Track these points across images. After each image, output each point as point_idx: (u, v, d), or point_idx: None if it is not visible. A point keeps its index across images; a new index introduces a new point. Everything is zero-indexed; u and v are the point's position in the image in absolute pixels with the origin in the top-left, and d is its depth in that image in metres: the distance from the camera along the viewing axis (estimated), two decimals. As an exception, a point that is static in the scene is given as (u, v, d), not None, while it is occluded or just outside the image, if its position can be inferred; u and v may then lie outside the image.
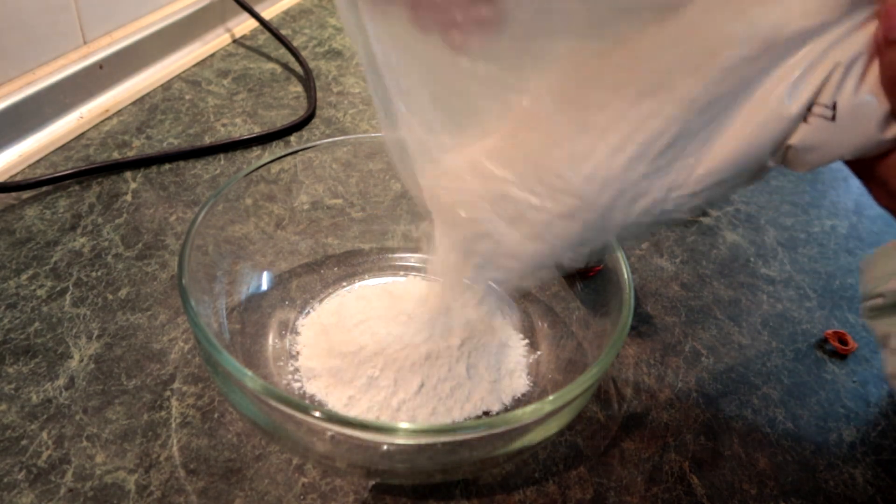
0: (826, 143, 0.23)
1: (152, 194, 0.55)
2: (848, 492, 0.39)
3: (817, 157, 0.24)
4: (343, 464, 0.34)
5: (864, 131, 0.23)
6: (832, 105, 0.23)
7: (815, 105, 0.23)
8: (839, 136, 0.23)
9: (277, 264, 0.46)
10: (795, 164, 0.25)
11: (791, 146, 0.24)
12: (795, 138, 0.24)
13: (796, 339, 0.48)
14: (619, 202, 0.26)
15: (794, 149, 0.24)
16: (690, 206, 0.26)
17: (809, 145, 0.24)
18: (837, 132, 0.23)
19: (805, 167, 0.25)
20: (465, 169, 0.29)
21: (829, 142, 0.23)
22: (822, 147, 0.24)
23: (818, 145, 0.24)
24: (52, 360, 0.41)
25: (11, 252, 0.48)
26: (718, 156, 0.25)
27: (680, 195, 0.26)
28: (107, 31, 0.66)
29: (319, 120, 0.67)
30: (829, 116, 0.23)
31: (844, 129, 0.23)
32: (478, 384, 0.38)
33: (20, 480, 0.35)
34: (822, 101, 0.23)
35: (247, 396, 0.33)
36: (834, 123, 0.23)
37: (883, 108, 0.23)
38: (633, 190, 0.26)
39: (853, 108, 0.23)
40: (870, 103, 0.23)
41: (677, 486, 0.38)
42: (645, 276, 0.52)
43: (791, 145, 0.24)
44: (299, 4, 0.90)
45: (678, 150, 0.25)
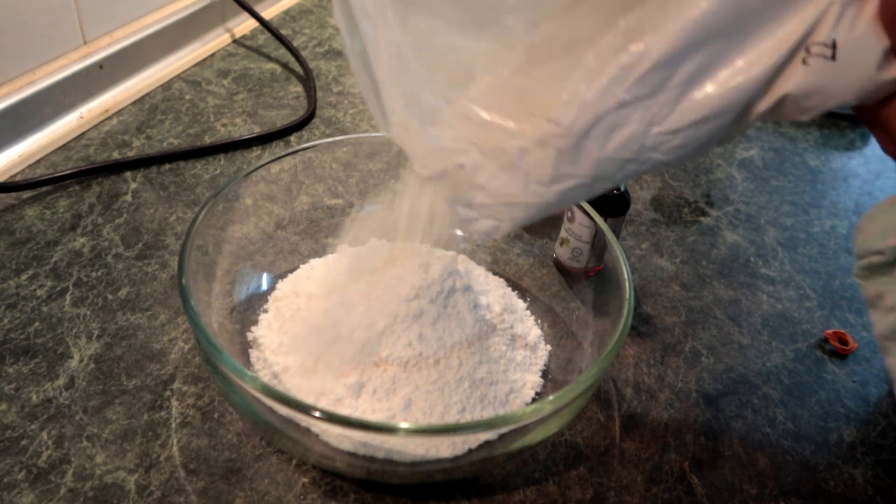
0: (827, 85, 0.23)
1: (152, 194, 0.55)
2: (848, 492, 0.39)
3: (818, 102, 0.23)
4: (343, 464, 0.34)
5: (865, 71, 0.22)
6: (832, 43, 0.22)
7: (813, 45, 0.22)
8: (840, 77, 0.23)
9: (277, 264, 0.46)
10: (794, 113, 0.24)
11: (788, 95, 0.23)
12: (793, 83, 0.23)
13: (796, 339, 0.48)
14: (595, 130, 0.25)
15: (792, 97, 0.23)
16: (670, 146, 0.25)
17: (810, 89, 0.23)
18: (838, 73, 0.23)
19: (805, 115, 0.24)
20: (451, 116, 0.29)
21: (829, 84, 0.23)
22: (822, 90, 0.23)
23: (818, 88, 0.23)
24: (52, 360, 0.41)
25: (11, 252, 0.48)
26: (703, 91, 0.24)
27: (660, 131, 0.25)
28: (107, 31, 0.66)
29: (319, 120, 0.67)
30: (829, 55, 0.22)
31: (845, 69, 0.22)
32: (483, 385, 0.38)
33: (20, 480, 0.35)
34: (819, 39, 0.22)
35: (247, 396, 0.33)
36: (834, 63, 0.22)
37: (882, 45, 0.22)
38: (611, 118, 0.25)
39: (854, 45, 0.22)
40: (870, 40, 0.22)
41: (677, 486, 0.38)
42: (645, 276, 0.52)
43: (788, 94, 0.23)
44: (299, 4, 0.90)
45: (660, 79, 0.24)
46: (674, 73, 0.24)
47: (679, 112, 0.25)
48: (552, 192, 0.28)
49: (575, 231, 0.45)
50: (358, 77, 0.30)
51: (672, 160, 0.26)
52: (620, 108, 0.25)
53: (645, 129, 0.25)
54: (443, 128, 0.29)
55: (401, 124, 0.29)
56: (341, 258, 0.45)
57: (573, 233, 0.45)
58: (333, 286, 0.40)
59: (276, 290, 0.44)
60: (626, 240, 0.56)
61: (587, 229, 0.44)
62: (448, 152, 0.29)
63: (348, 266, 0.41)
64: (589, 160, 0.26)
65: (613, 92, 0.25)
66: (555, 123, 0.26)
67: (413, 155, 0.31)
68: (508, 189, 0.29)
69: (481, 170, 0.29)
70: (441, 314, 0.37)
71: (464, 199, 0.30)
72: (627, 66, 0.24)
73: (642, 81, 0.24)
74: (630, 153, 0.26)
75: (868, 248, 0.25)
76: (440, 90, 0.28)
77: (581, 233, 0.44)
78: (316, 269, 0.45)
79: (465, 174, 0.29)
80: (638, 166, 0.26)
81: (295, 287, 0.43)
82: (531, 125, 0.27)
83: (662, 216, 0.59)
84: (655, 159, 0.26)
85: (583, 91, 0.25)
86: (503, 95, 0.28)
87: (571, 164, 0.27)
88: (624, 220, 0.47)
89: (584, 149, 0.26)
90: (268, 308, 0.43)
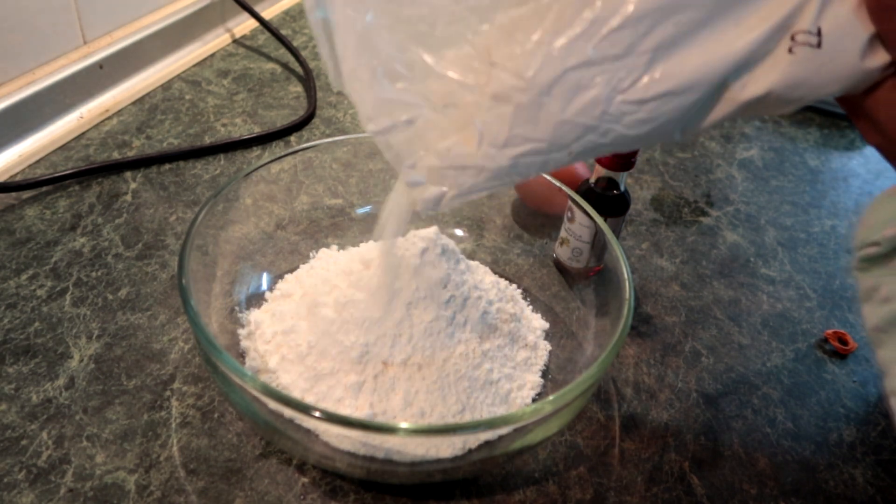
0: (813, 74, 0.23)
1: (152, 194, 0.55)
2: (848, 492, 0.39)
3: (804, 93, 0.23)
4: (343, 464, 0.34)
5: (851, 58, 0.22)
6: (817, 31, 0.22)
7: (799, 33, 0.22)
8: (826, 65, 0.22)
9: (277, 264, 0.46)
10: (779, 105, 0.24)
11: (775, 84, 0.23)
12: (779, 72, 0.23)
13: (796, 339, 0.48)
14: (557, 87, 0.24)
15: (779, 87, 0.23)
16: (633, 119, 0.24)
17: (796, 80, 0.23)
18: (824, 61, 0.22)
19: (790, 106, 0.24)
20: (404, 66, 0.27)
21: (816, 73, 0.23)
22: (809, 80, 0.23)
23: (804, 79, 0.23)
24: (52, 360, 0.41)
25: (11, 252, 0.48)
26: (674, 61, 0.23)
27: (624, 99, 0.24)
28: (107, 31, 0.66)
29: (319, 120, 0.67)
30: (815, 43, 0.22)
31: (831, 57, 0.22)
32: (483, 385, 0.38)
33: (20, 480, 0.35)
34: (804, 27, 0.22)
35: (247, 396, 0.33)
36: (820, 51, 0.22)
37: (867, 32, 0.22)
38: (575, 76, 0.24)
39: (839, 32, 0.22)
40: (855, 27, 0.22)
41: (677, 486, 0.38)
42: (645, 276, 0.52)
43: (775, 83, 0.23)
44: (299, 4, 0.90)
45: (631, 40, 0.23)
46: (645, 36, 0.23)
47: (646, 81, 0.24)
48: (505, 155, 0.26)
49: (575, 231, 0.45)
50: (311, 16, 0.27)
51: (634, 136, 0.25)
52: (586, 65, 0.24)
53: (609, 95, 0.24)
54: (394, 79, 0.27)
55: (352, 72, 0.27)
56: (340, 257, 0.45)
57: (573, 233, 0.45)
58: (332, 286, 0.40)
59: (275, 290, 0.44)
60: (626, 240, 0.56)
61: (587, 229, 0.44)
62: (398, 106, 0.27)
63: (347, 265, 0.41)
64: (548, 122, 0.25)
65: (580, 47, 0.23)
66: (516, 75, 0.24)
67: (361, 107, 0.28)
68: (459, 149, 0.27)
69: (432, 127, 0.27)
70: (441, 313, 0.37)
71: (410, 159, 0.28)
72: (597, 20, 0.23)
73: (611, 39, 0.23)
74: (592, 118, 0.25)
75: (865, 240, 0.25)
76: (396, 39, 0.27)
77: (581, 233, 0.44)
78: (315, 268, 0.45)
79: (414, 131, 0.27)
80: (598, 138, 0.25)
81: (294, 287, 0.43)
82: (490, 78, 0.25)
83: (662, 216, 0.59)
84: (617, 132, 0.25)
85: (548, 42, 0.24)
86: (462, 46, 0.26)
87: (529, 125, 0.25)
88: (624, 220, 0.47)
89: (544, 107, 0.25)
90: (267, 308, 0.43)
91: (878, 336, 0.25)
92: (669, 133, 0.25)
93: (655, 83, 0.24)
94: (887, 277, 0.24)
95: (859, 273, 0.26)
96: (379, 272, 0.38)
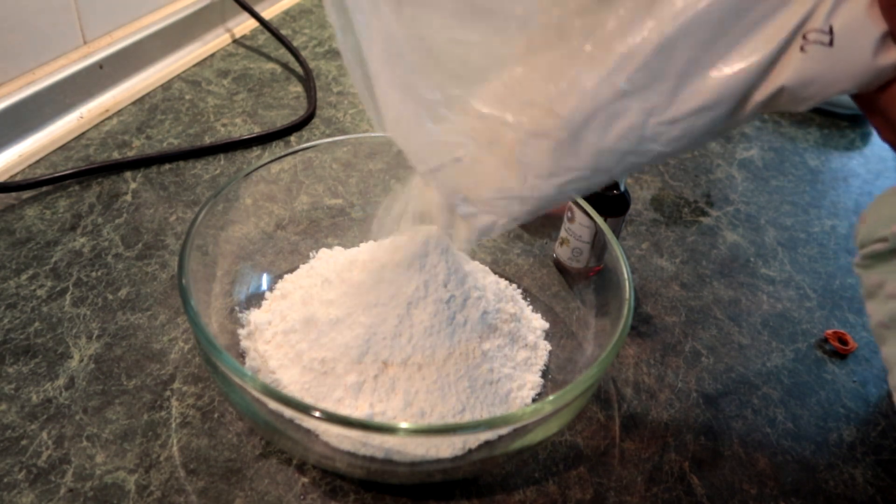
0: (825, 73, 0.23)
1: (152, 194, 0.55)
2: (848, 492, 0.39)
3: (816, 91, 0.23)
4: (343, 464, 0.34)
5: (863, 56, 0.22)
6: (829, 29, 0.22)
7: (811, 31, 0.22)
8: (838, 63, 0.23)
9: (277, 264, 0.46)
10: (793, 103, 0.24)
11: (786, 83, 0.23)
12: (791, 71, 0.23)
13: (796, 339, 0.48)
14: (593, 121, 0.25)
15: (791, 85, 0.23)
16: (669, 137, 0.25)
17: (808, 78, 0.23)
18: (836, 59, 0.23)
19: (804, 104, 0.24)
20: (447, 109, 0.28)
21: (827, 71, 0.23)
22: (820, 78, 0.23)
23: (817, 76, 0.23)
24: (52, 360, 0.41)
25: (11, 252, 0.48)
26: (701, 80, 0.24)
27: (659, 121, 0.25)
28: (107, 31, 0.66)
29: (319, 120, 0.67)
30: (827, 42, 0.22)
31: (843, 55, 0.22)
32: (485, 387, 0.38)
33: (20, 480, 0.35)
34: (816, 26, 0.22)
35: (247, 396, 0.33)
36: (832, 49, 0.22)
37: (879, 30, 0.22)
38: (610, 108, 0.25)
39: (851, 30, 0.22)
40: (867, 25, 0.22)
41: (677, 486, 0.38)
42: (645, 276, 0.52)
43: (786, 82, 0.23)
44: (299, 4, 0.90)
45: (659, 68, 0.24)
46: (672, 62, 0.24)
47: (678, 101, 0.24)
48: (550, 185, 0.28)
49: (575, 231, 0.45)
50: (352, 72, 0.29)
51: (671, 151, 0.26)
52: (620, 98, 0.25)
53: (644, 120, 0.25)
54: (439, 122, 0.28)
55: (396, 119, 0.29)
56: (340, 257, 0.45)
57: (573, 233, 0.45)
58: (332, 286, 0.40)
59: (275, 290, 0.44)
60: (626, 240, 0.56)
61: (587, 229, 0.44)
62: (445, 146, 0.28)
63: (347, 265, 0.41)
64: (588, 152, 0.26)
65: (612, 81, 0.24)
66: (553, 114, 0.26)
67: (409, 150, 0.30)
68: (506, 183, 0.28)
69: (479, 164, 0.28)
70: (441, 313, 0.37)
71: (461, 194, 0.30)
72: (626, 55, 0.24)
73: (641, 70, 0.24)
74: (629, 144, 0.26)
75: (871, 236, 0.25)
76: (436, 83, 0.28)
77: (581, 233, 0.44)
78: (315, 268, 0.45)
79: (462, 168, 0.29)
80: (637, 158, 0.26)
81: (294, 287, 0.43)
82: (529, 117, 0.26)
83: (662, 216, 0.59)
84: (655, 150, 0.26)
85: (582, 80, 0.25)
86: (500, 87, 0.27)
87: (570, 157, 0.26)
88: (624, 220, 0.47)
89: (583, 140, 0.26)
90: (267, 308, 0.43)
91: (883, 332, 0.25)
92: (702, 142, 0.26)
93: (686, 102, 0.24)
94: (893, 274, 0.25)
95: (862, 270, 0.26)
96: (379, 272, 0.38)
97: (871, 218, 0.25)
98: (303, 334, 0.39)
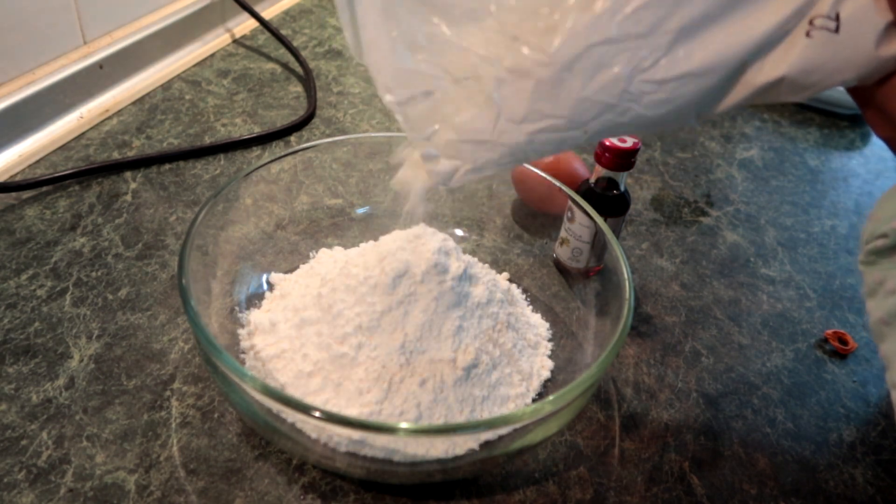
0: (828, 60, 0.23)
1: (152, 194, 0.55)
2: (848, 492, 0.39)
3: (818, 79, 0.23)
4: (343, 464, 0.34)
5: (867, 46, 0.22)
6: (835, 16, 0.22)
7: (817, 17, 0.23)
8: (842, 51, 0.23)
9: (277, 264, 0.46)
10: (794, 91, 0.24)
11: (786, 76, 0.23)
12: (794, 59, 0.23)
13: (796, 339, 0.48)
14: (579, 63, 0.24)
15: (794, 71, 0.23)
16: (652, 99, 0.24)
17: (812, 65, 0.23)
18: (840, 47, 0.23)
19: (803, 94, 0.24)
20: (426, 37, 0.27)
21: (831, 58, 0.23)
22: (824, 66, 0.23)
23: (820, 64, 0.23)
24: (52, 360, 0.41)
25: (11, 252, 0.48)
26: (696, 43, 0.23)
27: (645, 79, 0.24)
28: (107, 31, 0.66)
29: (319, 120, 0.67)
30: (833, 28, 0.22)
31: (847, 43, 0.22)
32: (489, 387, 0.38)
33: (20, 480, 0.35)
34: (822, 12, 0.22)
35: (246, 396, 0.33)
36: (837, 36, 0.22)
37: (884, 20, 0.22)
38: (597, 53, 0.24)
39: (857, 18, 0.22)
40: (872, 14, 0.22)
41: (677, 486, 0.38)
42: (645, 276, 0.52)
43: (790, 67, 0.23)
44: (299, 4, 0.90)
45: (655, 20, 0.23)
46: (669, 16, 0.23)
47: (668, 61, 0.24)
48: (522, 131, 0.26)
49: (575, 231, 0.45)
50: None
51: (652, 116, 0.25)
52: (609, 43, 0.24)
53: (630, 73, 0.24)
54: (416, 51, 0.27)
55: (371, 42, 0.27)
56: (340, 257, 0.45)
57: (573, 233, 0.45)
58: (332, 285, 0.40)
59: (275, 290, 0.44)
60: (626, 240, 0.56)
61: (587, 229, 0.44)
62: (418, 77, 0.27)
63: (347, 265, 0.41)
64: (567, 98, 0.25)
65: (604, 24, 0.24)
66: (538, 50, 0.24)
67: (379, 77, 0.28)
68: (476, 124, 0.27)
69: (450, 100, 0.27)
70: (442, 313, 0.37)
71: (427, 131, 0.28)
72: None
73: (635, 17, 0.23)
74: (612, 97, 0.25)
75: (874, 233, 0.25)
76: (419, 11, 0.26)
77: (581, 233, 0.44)
78: (315, 268, 0.45)
79: (432, 104, 0.27)
80: (616, 117, 0.25)
81: (294, 287, 0.43)
82: (512, 52, 0.25)
83: (662, 216, 0.59)
84: (635, 111, 0.25)
85: (572, 18, 0.24)
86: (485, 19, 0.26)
87: (548, 101, 0.25)
88: (624, 220, 0.47)
89: (565, 83, 0.25)
90: (267, 307, 0.43)
91: (882, 329, 0.25)
92: (686, 116, 0.25)
93: (677, 63, 0.24)
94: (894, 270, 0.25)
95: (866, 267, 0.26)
96: (379, 272, 0.38)
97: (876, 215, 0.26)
98: (303, 335, 0.39)
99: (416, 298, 0.37)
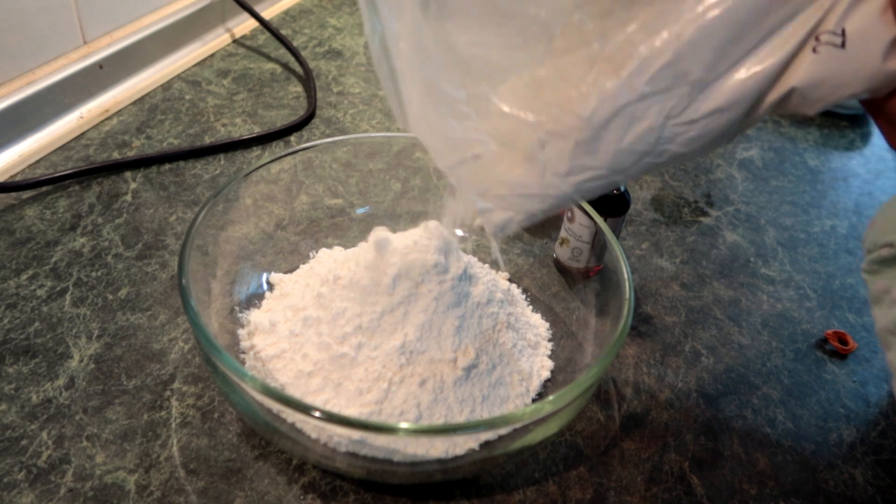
0: (835, 74, 0.23)
1: (152, 194, 0.55)
2: (848, 492, 0.39)
3: (826, 93, 0.24)
4: (343, 464, 0.34)
5: (873, 60, 0.23)
6: (841, 31, 0.23)
7: (823, 33, 0.23)
8: (848, 65, 0.23)
9: (277, 264, 0.46)
10: (803, 105, 0.24)
11: (795, 88, 0.24)
12: (801, 74, 0.24)
13: (796, 339, 0.48)
14: (614, 122, 0.26)
15: (802, 86, 0.24)
16: (686, 138, 0.26)
17: (818, 79, 0.23)
18: (847, 61, 0.23)
19: (813, 106, 0.24)
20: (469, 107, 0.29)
21: (838, 73, 0.23)
22: (831, 79, 0.23)
23: (827, 77, 0.23)
24: (52, 360, 0.41)
25: (11, 252, 0.48)
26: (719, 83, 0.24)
27: (677, 123, 0.25)
28: (107, 31, 0.66)
29: (319, 120, 0.67)
30: (839, 43, 0.23)
31: (854, 58, 0.23)
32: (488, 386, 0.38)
33: (20, 480, 0.35)
34: (829, 27, 0.23)
35: (246, 396, 0.33)
36: (843, 51, 0.23)
37: (890, 34, 0.22)
38: (630, 110, 0.25)
39: (862, 33, 0.23)
40: (878, 29, 0.22)
41: (677, 486, 0.38)
42: (645, 276, 0.52)
43: (798, 82, 0.24)
44: (299, 4, 0.90)
45: (679, 72, 0.24)
46: (692, 66, 0.24)
47: (696, 103, 0.25)
48: (568, 183, 0.28)
49: (575, 231, 0.45)
50: (377, 64, 0.30)
51: (687, 152, 0.26)
52: (640, 100, 0.25)
53: (663, 121, 0.25)
54: (461, 119, 0.29)
55: (418, 115, 0.29)
56: (340, 257, 0.45)
57: (573, 233, 0.45)
58: (332, 286, 0.40)
59: (275, 290, 0.44)
60: (626, 240, 0.56)
61: (587, 229, 0.44)
62: (465, 143, 0.29)
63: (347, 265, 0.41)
64: (606, 152, 0.27)
65: (633, 84, 0.25)
66: (574, 115, 0.26)
67: (430, 146, 0.31)
68: (525, 180, 0.29)
69: (498, 161, 0.29)
70: (442, 313, 0.37)
71: (480, 189, 0.30)
72: (648, 58, 0.24)
73: (662, 73, 0.24)
74: (647, 145, 0.26)
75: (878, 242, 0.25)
76: (459, 81, 0.28)
77: (581, 233, 0.44)
78: (315, 268, 0.45)
79: (481, 165, 0.29)
80: (654, 159, 0.27)
81: (294, 287, 0.43)
82: (550, 117, 0.27)
83: (662, 216, 0.59)
84: (671, 151, 0.26)
85: (603, 83, 0.25)
86: (522, 88, 0.28)
87: (589, 156, 0.27)
88: (624, 220, 0.47)
89: (602, 140, 0.26)
90: (267, 307, 0.43)
91: (888, 338, 0.25)
92: (718, 144, 0.26)
93: (704, 103, 0.25)
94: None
95: (869, 276, 0.26)
96: (380, 272, 0.38)
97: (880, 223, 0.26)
98: (302, 335, 0.39)
99: (415, 298, 0.37)
